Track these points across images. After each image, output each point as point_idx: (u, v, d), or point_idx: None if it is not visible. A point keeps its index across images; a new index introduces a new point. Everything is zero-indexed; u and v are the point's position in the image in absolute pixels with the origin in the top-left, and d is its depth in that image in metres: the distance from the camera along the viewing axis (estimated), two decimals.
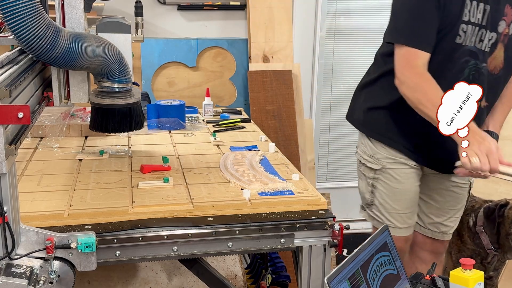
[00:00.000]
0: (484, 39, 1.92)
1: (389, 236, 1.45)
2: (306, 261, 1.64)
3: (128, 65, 1.73)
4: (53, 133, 2.26)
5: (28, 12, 1.37)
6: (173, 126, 2.46)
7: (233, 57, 3.44)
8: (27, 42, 1.42)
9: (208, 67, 3.42)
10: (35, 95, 1.56)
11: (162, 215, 1.60)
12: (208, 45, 3.40)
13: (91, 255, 1.39)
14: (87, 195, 1.69)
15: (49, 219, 1.53)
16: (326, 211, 1.67)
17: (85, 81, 1.72)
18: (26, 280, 1.29)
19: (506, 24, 1.93)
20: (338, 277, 1.23)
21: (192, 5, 3.36)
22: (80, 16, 1.65)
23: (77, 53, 1.53)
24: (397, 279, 1.41)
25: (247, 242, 1.59)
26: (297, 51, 3.51)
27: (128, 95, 1.78)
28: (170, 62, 3.35)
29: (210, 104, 2.71)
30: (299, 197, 1.71)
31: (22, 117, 1.19)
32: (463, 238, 2.49)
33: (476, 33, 1.92)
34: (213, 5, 3.37)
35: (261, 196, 1.71)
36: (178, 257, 1.61)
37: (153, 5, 3.32)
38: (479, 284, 1.38)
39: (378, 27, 3.75)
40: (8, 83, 1.28)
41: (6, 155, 1.21)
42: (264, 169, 1.93)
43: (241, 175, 1.86)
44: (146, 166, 1.91)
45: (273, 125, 3.26)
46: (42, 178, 1.83)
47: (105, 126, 1.83)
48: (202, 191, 1.74)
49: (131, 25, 1.79)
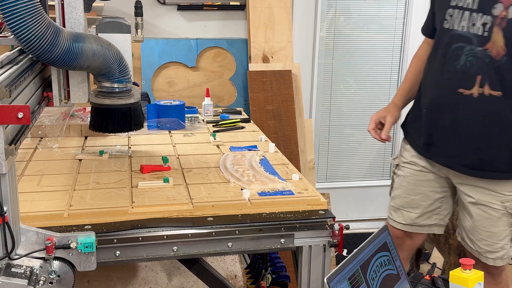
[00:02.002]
0: (476, 23, 1.88)
1: (389, 236, 1.45)
2: (306, 261, 1.64)
3: (128, 65, 1.73)
4: (53, 133, 2.26)
5: (28, 12, 1.38)
6: (173, 126, 2.46)
7: (233, 57, 3.44)
8: (27, 42, 1.42)
9: (208, 67, 3.42)
10: (35, 95, 1.56)
11: (162, 215, 1.60)
12: (208, 45, 3.40)
13: (91, 255, 1.39)
14: (87, 195, 1.69)
15: (49, 219, 1.53)
16: (326, 211, 1.67)
17: (85, 81, 1.72)
18: (26, 280, 1.29)
19: (504, 7, 1.84)
20: (338, 277, 1.23)
21: (192, 5, 3.36)
22: (80, 16, 1.65)
23: (77, 53, 1.53)
24: (397, 279, 1.41)
25: (247, 242, 1.59)
26: (297, 51, 3.51)
27: (128, 95, 1.78)
28: (170, 62, 3.35)
29: (210, 104, 2.71)
30: (299, 197, 1.71)
31: (22, 117, 1.19)
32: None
33: (467, 17, 1.89)
34: (213, 5, 3.37)
35: (261, 196, 1.71)
36: (178, 257, 1.61)
37: (153, 5, 3.32)
38: (479, 284, 1.38)
39: (377, 27, 3.76)
40: (8, 83, 1.28)
41: (6, 155, 1.21)
42: (264, 169, 1.93)
43: (241, 175, 1.86)
44: (146, 166, 1.91)
45: (273, 125, 3.26)
46: (42, 178, 1.83)
47: (105, 126, 1.83)
48: (202, 191, 1.74)
49: (131, 25, 1.79)
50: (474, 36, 1.88)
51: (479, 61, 1.89)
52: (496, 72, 1.86)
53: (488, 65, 1.87)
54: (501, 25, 1.84)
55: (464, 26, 1.91)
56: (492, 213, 2.00)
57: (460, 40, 1.92)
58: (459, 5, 1.92)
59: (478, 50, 1.88)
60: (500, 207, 1.99)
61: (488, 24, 1.86)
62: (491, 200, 1.99)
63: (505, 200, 1.97)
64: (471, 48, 1.89)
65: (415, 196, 2.18)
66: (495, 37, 1.85)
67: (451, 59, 1.94)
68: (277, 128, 3.26)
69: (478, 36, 1.88)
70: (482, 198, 2.01)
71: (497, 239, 2.02)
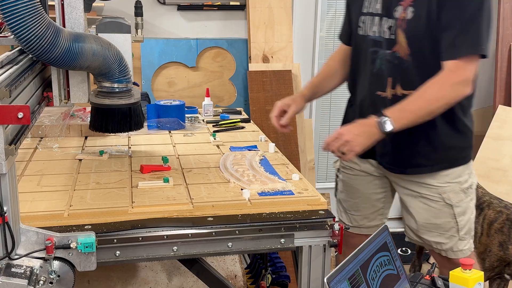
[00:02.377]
0: (384, 27, 1.93)
1: (389, 236, 1.45)
2: (306, 261, 1.64)
3: (128, 65, 1.73)
4: (53, 133, 2.26)
5: (28, 12, 1.38)
6: (173, 126, 2.46)
7: (233, 57, 3.44)
8: (27, 42, 1.42)
9: (208, 67, 3.42)
10: (35, 95, 1.56)
11: (162, 215, 1.60)
12: (208, 45, 3.40)
13: (91, 255, 1.39)
14: (87, 195, 1.69)
15: (49, 219, 1.53)
16: (326, 211, 1.67)
17: (85, 81, 1.72)
18: (26, 280, 1.29)
19: (403, 9, 1.88)
20: (338, 277, 1.23)
21: (192, 5, 3.36)
22: (80, 16, 1.65)
23: (77, 53, 1.53)
24: (397, 279, 1.41)
25: (247, 242, 1.59)
26: (297, 51, 3.51)
27: (128, 95, 1.78)
28: (170, 62, 3.36)
29: (210, 104, 2.71)
30: (299, 197, 1.71)
31: (22, 117, 1.19)
32: None
33: (377, 22, 1.94)
34: (213, 5, 3.37)
35: (261, 196, 1.71)
36: (178, 257, 1.61)
37: (153, 5, 3.32)
38: (479, 284, 1.38)
39: None
40: (8, 83, 1.28)
41: (6, 155, 1.21)
42: (264, 169, 1.93)
43: (241, 175, 1.86)
44: (146, 166, 1.91)
45: (273, 125, 3.26)
46: (42, 178, 1.83)
47: (105, 126, 1.83)
48: (202, 191, 1.74)
49: (131, 25, 1.79)
50: (384, 40, 1.93)
51: (389, 63, 1.93)
52: (405, 72, 1.91)
53: (397, 66, 1.91)
54: (402, 26, 1.88)
55: (375, 31, 1.96)
56: (433, 205, 2.02)
57: (374, 45, 1.97)
58: (369, 11, 1.98)
59: (388, 53, 1.93)
60: (438, 198, 2.00)
61: (393, 27, 1.90)
62: (428, 193, 2.01)
63: (442, 192, 1.99)
64: (383, 51, 1.94)
65: (356, 199, 2.20)
66: (400, 39, 1.89)
67: (369, 63, 2.00)
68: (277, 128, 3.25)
69: (387, 40, 1.92)
70: (420, 191, 2.03)
71: (443, 230, 2.04)
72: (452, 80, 1.82)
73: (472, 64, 1.83)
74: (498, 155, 3.47)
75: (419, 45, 1.87)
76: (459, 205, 2.00)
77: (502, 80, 3.71)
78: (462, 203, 2.01)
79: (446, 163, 1.98)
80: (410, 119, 1.84)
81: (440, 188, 1.99)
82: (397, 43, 1.90)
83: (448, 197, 1.99)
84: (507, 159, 3.43)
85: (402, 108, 1.84)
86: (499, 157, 3.46)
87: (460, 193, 2.00)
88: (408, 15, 1.86)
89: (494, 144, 3.51)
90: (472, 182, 2.03)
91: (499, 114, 3.55)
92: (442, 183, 1.98)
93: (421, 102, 1.83)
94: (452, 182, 1.99)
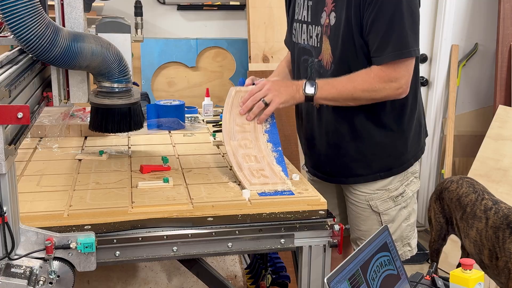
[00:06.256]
0: (312, 35, 1.89)
1: (389, 236, 1.45)
2: (306, 261, 1.64)
3: (127, 65, 1.73)
4: (52, 133, 2.26)
5: (28, 12, 1.38)
6: (172, 126, 2.46)
7: (233, 57, 3.44)
8: (27, 41, 1.42)
9: (208, 67, 3.42)
10: (35, 95, 1.56)
11: (162, 215, 1.59)
12: (208, 45, 3.40)
13: (90, 255, 1.39)
14: (87, 195, 1.69)
15: (48, 219, 1.52)
16: (326, 211, 1.66)
17: (84, 81, 1.72)
18: (26, 280, 1.29)
19: (326, 15, 1.85)
20: (338, 277, 1.23)
21: (192, 5, 3.36)
22: (79, 16, 1.65)
23: (77, 53, 1.53)
24: (397, 279, 1.41)
25: (247, 242, 1.59)
26: None
27: (128, 95, 1.78)
28: (170, 62, 3.36)
29: (210, 104, 2.71)
30: (299, 197, 1.71)
31: (21, 117, 1.19)
32: None
33: (306, 30, 1.91)
34: (213, 5, 3.37)
35: (261, 196, 1.70)
36: (178, 257, 1.61)
37: (153, 5, 3.32)
38: (479, 284, 1.38)
39: None
40: (7, 83, 1.28)
41: (6, 155, 1.21)
42: (268, 139, 1.92)
43: (244, 160, 1.81)
44: (146, 166, 1.91)
45: None
46: (42, 178, 1.83)
47: (104, 126, 1.83)
48: (202, 191, 1.73)
49: (131, 25, 1.79)
50: (312, 48, 1.91)
51: (316, 72, 1.92)
52: None
53: (322, 75, 1.89)
54: (326, 33, 1.85)
55: (305, 39, 1.94)
56: (361, 212, 2.03)
57: (304, 53, 1.95)
58: (299, 18, 1.95)
59: (315, 61, 1.92)
60: (366, 205, 2.01)
61: (319, 35, 1.88)
62: (356, 199, 2.03)
63: (370, 199, 1.99)
64: (312, 60, 1.93)
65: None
66: (325, 46, 1.86)
67: (302, 72, 1.98)
68: (277, 128, 3.25)
69: (314, 48, 1.91)
70: (350, 196, 2.05)
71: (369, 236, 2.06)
72: (382, 78, 1.79)
73: (402, 66, 1.78)
74: (498, 155, 3.47)
75: (342, 52, 1.83)
76: (387, 213, 2.00)
77: (502, 80, 3.71)
78: (391, 211, 2.00)
79: (381, 172, 1.97)
80: (333, 94, 1.82)
81: (368, 196, 1.99)
82: (322, 51, 1.87)
83: (375, 204, 1.99)
84: (508, 159, 3.43)
85: (329, 82, 1.82)
86: (499, 157, 3.47)
87: (388, 201, 1.99)
88: (331, 21, 1.82)
89: (494, 144, 3.51)
90: (404, 190, 2.00)
91: (499, 114, 3.55)
92: (370, 191, 1.99)
93: (348, 85, 1.80)
94: (380, 190, 1.98)
